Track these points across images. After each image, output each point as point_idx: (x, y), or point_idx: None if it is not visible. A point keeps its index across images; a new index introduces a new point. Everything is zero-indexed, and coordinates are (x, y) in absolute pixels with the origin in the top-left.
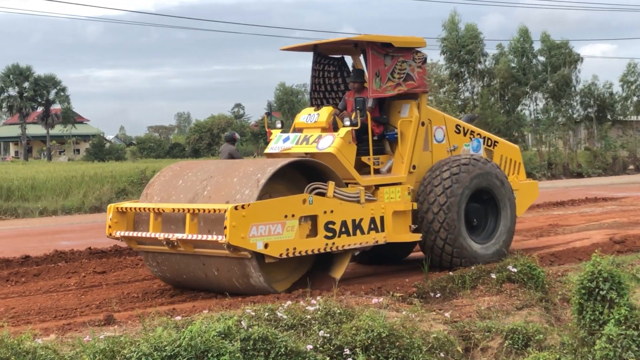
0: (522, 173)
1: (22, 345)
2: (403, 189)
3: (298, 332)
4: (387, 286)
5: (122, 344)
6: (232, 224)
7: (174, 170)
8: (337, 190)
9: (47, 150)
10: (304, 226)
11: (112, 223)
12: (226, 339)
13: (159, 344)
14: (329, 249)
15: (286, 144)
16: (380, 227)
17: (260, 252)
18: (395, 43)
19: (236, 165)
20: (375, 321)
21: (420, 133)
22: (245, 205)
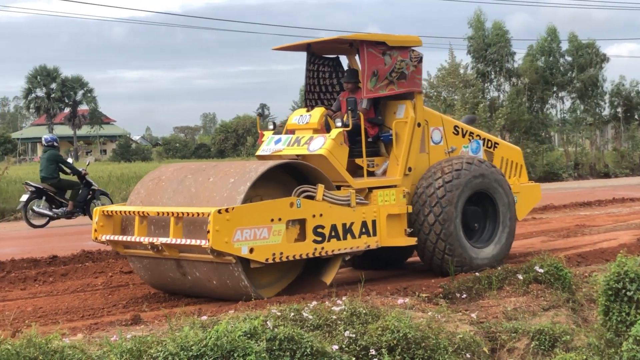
0: (523, 175)
1: (50, 345)
2: (398, 192)
3: (323, 332)
4: (413, 287)
5: (148, 344)
6: (216, 228)
7: (162, 172)
8: (327, 193)
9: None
10: (292, 230)
11: (98, 227)
12: (252, 339)
13: (185, 344)
14: (318, 253)
15: (277, 145)
16: (372, 231)
17: (246, 257)
18: (389, 42)
19: (225, 167)
20: (401, 322)
21: (417, 134)
22: (229, 208)
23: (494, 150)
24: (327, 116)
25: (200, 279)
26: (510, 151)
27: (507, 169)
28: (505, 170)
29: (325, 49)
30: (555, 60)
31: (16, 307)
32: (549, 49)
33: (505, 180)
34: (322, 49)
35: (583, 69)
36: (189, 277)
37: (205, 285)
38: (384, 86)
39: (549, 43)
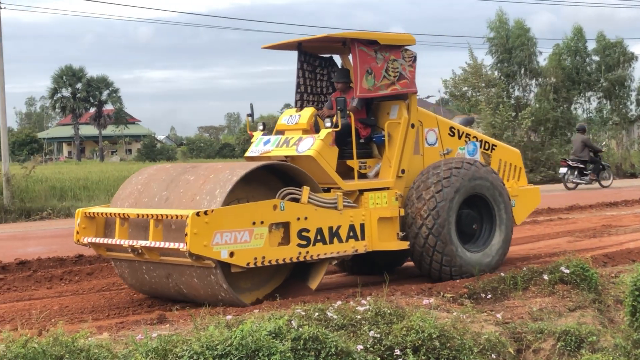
0: (522, 178)
1: (76, 344)
2: (390, 194)
3: (348, 332)
4: (437, 287)
5: (174, 343)
6: (194, 231)
7: (147, 173)
8: (312, 196)
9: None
10: (276, 234)
11: (80, 229)
12: (277, 338)
13: (210, 343)
14: (303, 258)
15: (267, 146)
16: (360, 235)
17: (226, 261)
18: (381, 40)
19: (209, 169)
20: (426, 322)
21: (410, 135)
22: (208, 211)
23: (491, 152)
24: (317, 116)
25: (182, 282)
26: (508, 153)
27: (506, 172)
28: (503, 173)
29: (318, 48)
30: (582, 59)
31: (42, 305)
32: (575, 48)
33: (502, 184)
34: (314, 47)
35: (610, 69)
36: (171, 281)
37: (187, 289)
38: (385, 86)
39: (575, 42)
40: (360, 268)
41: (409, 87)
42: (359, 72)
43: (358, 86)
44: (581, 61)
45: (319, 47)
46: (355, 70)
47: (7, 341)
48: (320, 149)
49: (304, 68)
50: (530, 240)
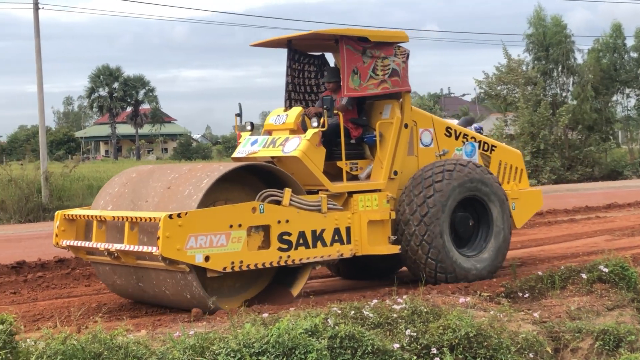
0: (524, 181)
1: (114, 341)
2: (381, 197)
3: (384, 330)
4: (474, 285)
5: (211, 340)
6: (166, 235)
7: (129, 174)
8: (294, 198)
9: (136, 149)
10: (255, 237)
11: (59, 231)
12: (313, 336)
13: (247, 341)
14: (284, 262)
15: (254, 147)
16: (346, 238)
17: (200, 265)
18: (371, 37)
19: (191, 170)
20: (463, 320)
21: (403, 136)
22: (182, 213)
23: (490, 153)
24: (305, 116)
25: (158, 287)
26: (509, 155)
27: (506, 174)
28: (503, 175)
29: (309, 46)
30: (620, 56)
31: (81, 303)
32: (614, 45)
33: (499, 186)
34: (304, 45)
35: None
36: (146, 285)
37: (162, 294)
38: (375, 85)
39: (614, 39)
40: (356, 273)
41: (401, 86)
42: (346, 71)
43: (345, 85)
44: (619, 58)
45: (309, 45)
46: (343, 69)
47: (46, 338)
48: (306, 150)
49: (293, 66)
50: (568, 238)
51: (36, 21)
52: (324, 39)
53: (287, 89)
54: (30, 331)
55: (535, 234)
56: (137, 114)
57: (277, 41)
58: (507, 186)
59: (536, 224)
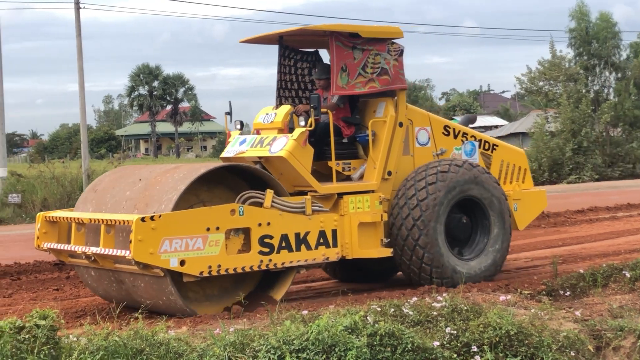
0: (528, 181)
1: (156, 337)
2: (373, 198)
3: (424, 328)
4: (515, 283)
5: (251, 337)
6: (138, 238)
7: (113, 174)
8: (277, 200)
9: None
10: (235, 240)
11: (40, 234)
12: (353, 333)
13: (287, 338)
14: (265, 266)
15: (242, 147)
16: (332, 241)
17: (175, 270)
18: (363, 33)
19: (169, 170)
20: (503, 318)
21: (398, 135)
22: (155, 216)
23: (492, 152)
24: (294, 114)
25: (135, 292)
26: (511, 154)
27: (508, 173)
28: (505, 175)
29: (301, 42)
30: None
31: None
32: None
33: (497, 186)
34: (297, 41)
35: None
36: (127, 289)
37: (143, 299)
38: (363, 83)
39: None
40: (354, 275)
41: (391, 84)
42: (335, 68)
43: (333, 84)
44: None
45: (302, 41)
46: (332, 66)
47: (89, 334)
48: (292, 150)
49: (285, 63)
50: (610, 236)
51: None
52: (315, 35)
53: (279, 86)
54: (72, 327)
55: (576, 231)
56: (177, 112)
57: (268, 37)
58: (509, 186)
59: (577, 222)
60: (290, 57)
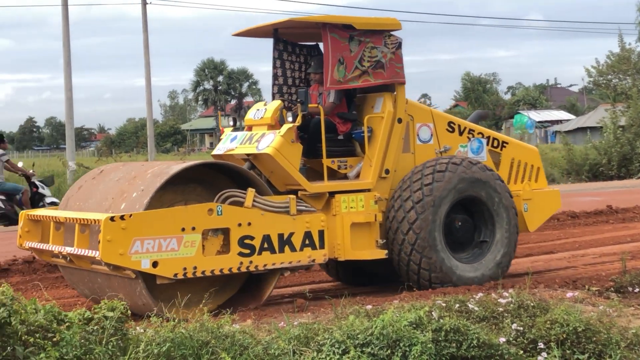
0: (541, 180)
1: (221, 330)
2: (367, 197)
3: (490, 324)
4: (582, 280)
5: (315, 331)
6: (107, 238)
7: (97, 172)
8: (258, 199)
9: None
10: (214, 241)
11: (22, 232)
12: (417, 329)
13: (351, 332)
14: (245, 268)
15: (232, 144)
16: (318, 243)
17: (147, 271)
18: (357, 25)
19: (147, 168)
20: (571, 315)
21: (396, 131)
22: (125, 215)
23: (501, 150)
24: (283, 109)
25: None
26: (523, 152)
27: (520, 172)
28: (517, 173)
29: (297, 35)
30: None
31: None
32: None
33: (503, 186)
34: (292, 34)
35: None
36: (105, 291)
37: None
38: (357, 77)
39: None
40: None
41: (386, 78)
42: (330, 61)
43: (329, 77)
44: None
45: (298, 34)
46: (327, 59)
47: (155, 326)
48: (279, 147)
49: (282, 57)
50: None
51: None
52: (310, 27)
53: (276, 82)
54: (139, 319)
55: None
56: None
57: (262, 30)
58: (520, 186)
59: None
60: (287, 50)
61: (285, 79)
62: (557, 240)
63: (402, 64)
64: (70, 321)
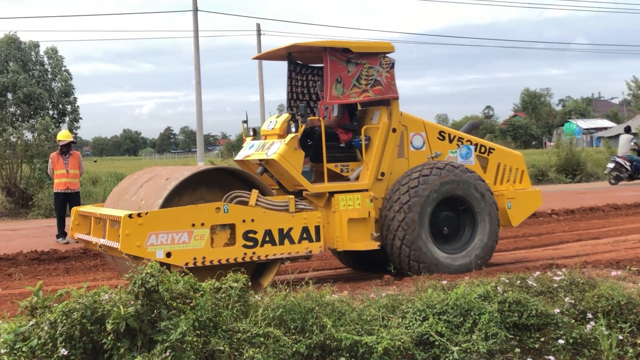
0: (525, 181)
1: (323, 299)
2: (364, 197)
3: (546, 298)
4: (624, 261)
5: (400, 301)
6: (126, 232)
7: (135, 174)
8: (261, 199)
9: None
10: (221, 235)
11: (74, 225)
12: (485, 300)
13: (430, 302)
14: (249, 258)
15: (250, 151)
16: (315, 236)
17: (161, 261)
18: (353, 48)
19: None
20: (615, 290)
21: (391, 139)
22: (142, 213)
23: (488, 155)
24: (291, 121)
25: None
26: (508, 157)
27: (505, 174)
28: (502, 175)
29: (308, 58)
30: None
31: (294, 267)
32: None
33: (484, 186)
34: (304, 57)
35: None
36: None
37: None
38: (357, 93)
39: None
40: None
41: (384, 93)
42: (329, 80)
43: (328, 94)
44: None
45: (309, 57)
46: (326, 79)
47: (270, 295)
48: (283, 153)
49: (292, 77)
50: None
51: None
52: (318, 50)
53: (289, 97)
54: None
55: None
56: None
57: (277, 54)
58: (503, 186)
59: None
60: (301, 71)
61: (297, 95)
62: (602, 228)
63: (395, 82)
64: (204, 290)
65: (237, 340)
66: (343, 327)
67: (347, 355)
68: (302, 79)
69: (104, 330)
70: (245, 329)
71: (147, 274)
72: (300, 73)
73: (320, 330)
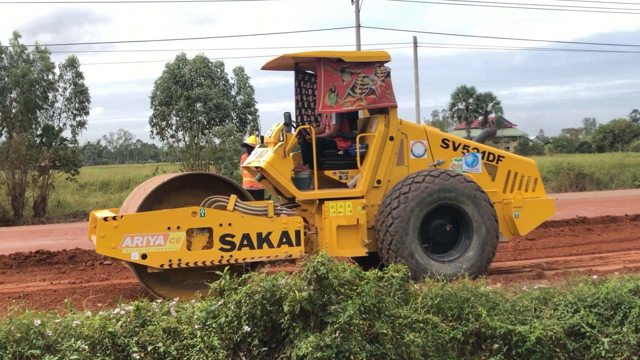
0: (539, 189)
1: (478, 290)
2: (356, 204)
3: None
4: None
5: (551, 294)
6: (101, 234)
7: (146, 181)
8: (239, 203)
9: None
10: (200, 238)
11: (90, 228)
12: (636, 295)
13: (581, 296)
14: (226, 261)
15: (253, 157)
16: (295, 241)
17: (136, 262)
18: (346, 58)
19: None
20: None
21: (388, 147)
22: (117, 216)
23: (497, 163)
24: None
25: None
26: (519, 164)
27: (516, 182)
28: (513, 184)
29: (313, 68)
30: None
31: None
32: None
33: (481, 195)
34: (312, 67)
35: None
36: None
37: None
38: (351, 102)
39: None
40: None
41: (377, 102)
42: (322, 89)
43: (320, 102)
44: None
45: (314, 67)
46: (319, 88)
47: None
48: (271, 161)
49: (300, 86)
50: None
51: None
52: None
53: (297, 106)
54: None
55: None
56: (486, 122)
57: (283, 65)
58: (511, 195)
59: None
60: (310, 80)
61: (304, 103)
62: None
63: (392, 90)
64: (368, 278)
65: (399, 325)
66: (497, 317)
67: (501, 342)
68: (311, 88)
69: (281, 311)
70: (406, 315)
71: (318, 262)
72: (310, 82)
73: (475, 319)
